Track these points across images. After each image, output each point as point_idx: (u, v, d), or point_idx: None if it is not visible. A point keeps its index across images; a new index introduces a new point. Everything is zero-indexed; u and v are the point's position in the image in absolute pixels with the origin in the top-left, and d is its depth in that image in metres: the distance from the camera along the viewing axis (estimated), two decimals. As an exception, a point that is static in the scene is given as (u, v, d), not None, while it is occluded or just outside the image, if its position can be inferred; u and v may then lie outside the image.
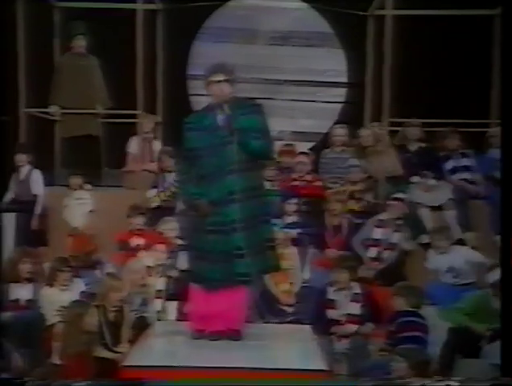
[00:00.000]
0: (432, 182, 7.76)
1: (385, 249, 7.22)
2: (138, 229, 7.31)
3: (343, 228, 7.46)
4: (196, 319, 5.45)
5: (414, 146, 8.04)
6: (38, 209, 7.71)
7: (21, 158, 7.83)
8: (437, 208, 7.72)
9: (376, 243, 7.24)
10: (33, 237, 7.60)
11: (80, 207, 7.70)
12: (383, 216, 7.36)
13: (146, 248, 7.04)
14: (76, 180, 7.85)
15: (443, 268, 6.95)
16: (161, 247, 6.96)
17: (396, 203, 7.38)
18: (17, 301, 6.51)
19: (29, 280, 6.62)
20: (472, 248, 7.13)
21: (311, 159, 8.05)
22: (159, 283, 6.70)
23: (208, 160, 5.23)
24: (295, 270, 6.92)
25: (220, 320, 5.36)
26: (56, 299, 6.46)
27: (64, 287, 6.56)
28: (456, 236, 7.44)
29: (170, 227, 7.10)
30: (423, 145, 8.04)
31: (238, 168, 5.20)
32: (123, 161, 8.47)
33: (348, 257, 6.86)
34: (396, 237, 7.27)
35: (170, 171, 7.87)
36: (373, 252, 7.21)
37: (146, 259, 6.83)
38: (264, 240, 5.35)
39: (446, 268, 6.93)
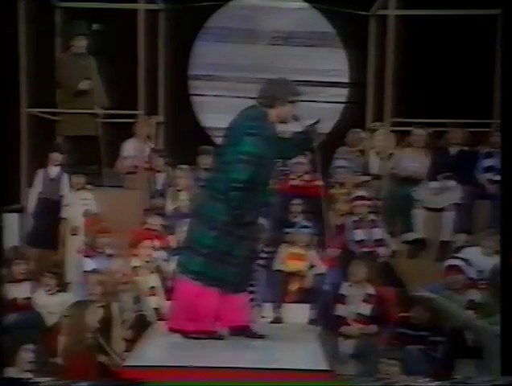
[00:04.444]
0: (451, 183, 7.71)
1: (375, 246, 7.20)
2: (154, 230, 7.32)
3: (345, 228, 7.46)
4: (182, 319, 5.45)
5: (455, 149, 7.98)
6: (63, 212, 7.74)
7: (56, 158, 7.89)
8: (438, 210, 7.71)
9: (362, 244, 7.24)
10: (54, 238, 7.63)
11: (83, 207, 7.71)
12: (355, 217, 7.37)
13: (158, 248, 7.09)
14: (78, 179, 7.84)
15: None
16: (155, 244, 7.00)
17: (360, 202, 7.38)
18: (15, 299, 6.50)
19: (24, 279, 6.61)
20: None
21: (308, 159, 8.04)
22: (155, 281, 6.70)
23: (262, 170, 5.26)
24: (309, 270, 6.96)
25: (214, 320, 5.41)
26: (46, 302, 6.50)
27: (51, 291, 6.58)
28: (445, 237, 7.52)
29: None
30: (465, 148, 7.99)
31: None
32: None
33: (366, 257, 6.84)
34: (378, 233, 7.27)
35: (160, 171, 8.04)
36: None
37: (137, 258, 6.85)
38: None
39: (477, 270, 6.78)
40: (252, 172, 5.18)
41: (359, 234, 7.29)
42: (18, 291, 6.49)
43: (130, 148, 8.50)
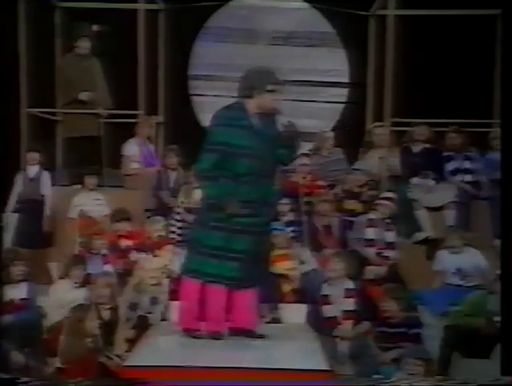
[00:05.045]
0: (432, 183, 7.75)
1: (385, 249, 7.20)
2: (127, 231, 7.30)
3: (333, 228, 7.44)
4: (190, 318, 5.45)
5: (418, 147, 8.01)
6: (47, 210, 7.73)
7: (33, 157, 7.85)
8: (436, 209, 7.72)
9: (371, 243, 7.21)
10: (40, 238, 7.61)
11: (97, 207, 7.74)
12: (373, 216, 7.33)
13: (137, 248, 7.08)
14: (91, 180, 7.87)
15: (451, 269, 6.90)
16: (168, 247, 7.00)
17: (386, 202, 7.37)
18: (12, 301, 6.46)
19: (22, 280, 6.57)
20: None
21: (310, 160, 8.07)
22: (166, 283, 6.71)
23: (243, 160, 5.19)
24: (297, 270, 6.91)
25: (222, 320, 5.39)
26: (66, 296, 6.46)
27: (76, 284, 6.56)
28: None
29: (157, 226, 7.11)
30: (428, 146, 8.01)
31: (270, 172, 5.30)
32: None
33: (344, 253, 6.82)
34: (390, 236, 7.26)
35: (174, 169, 7.98)
36: (370, 252, 7.17)
37: (157, 259, 6.86)
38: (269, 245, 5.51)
39: (454, 270, 6.88)
40: (213, 160, 5.17)
41: (371, 233, 7.23)
42: (15, 292, 6.47)
43: (133, 149, 8.48)
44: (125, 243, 7.23)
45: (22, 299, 6.46)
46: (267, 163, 5.28)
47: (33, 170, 7.85)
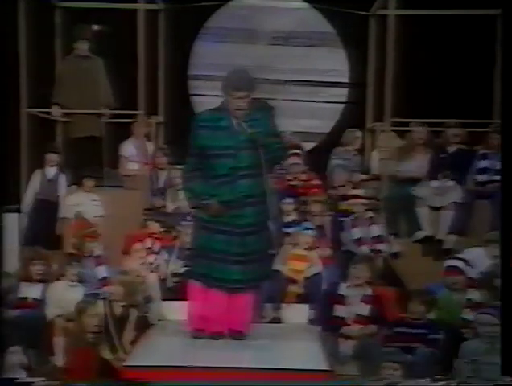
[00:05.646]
0: (450, 183, 7.72)
1: (374, 243, 7.19)
2: (158, 233, 7.31)
3: (326, 228, 7.47)
4: (196, 319, 5.45)
5: (452, 148, 7.96)
6: (61, 212, 7.79)
7: (53, 158, 7.93)
8: (439, 209, 7.72)
9: (360, 242, 7.22)
10: (52, 239, 7.64)
11: (94, 209, 7.76)
12: (351, 216, 7.36)
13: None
14: (90, 182, 7.89)
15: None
16: (160, 246, 6.99)
17: (356, 200, 7.40)
18: (25, 299, 6.50)
19: (40, 280, 6.60)
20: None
21: (303, 159, 8.05)
22: (161, 282, 6.70)
23: (222, 161, 5.26)
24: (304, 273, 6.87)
25: (223, 321, 5.39)
26: (64, 295, 6.46)
27: (73, 283, 6.56)
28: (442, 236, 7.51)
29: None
30: (463, 146, 7.97)
31: (253, 172, 5.27)
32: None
33: (368, 259, 6.80)
34: (376, 230, 7.26)
35: (163, 169, 8.03)
36: (364, 250, 7.16)
37: (147, 259, 6.85)
38: (268, 246, 5.46)
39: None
40: (194, 163, 5.39)
41: (356, 232, 7.27)
42: (30, 291, 6.51)
43: (130, 149, 8.48)
44: (140, 243, 7.18)
45: (35, 299, 6.48)
46: (249, 163, 5.27)
47: (51, 171, 7.91)
